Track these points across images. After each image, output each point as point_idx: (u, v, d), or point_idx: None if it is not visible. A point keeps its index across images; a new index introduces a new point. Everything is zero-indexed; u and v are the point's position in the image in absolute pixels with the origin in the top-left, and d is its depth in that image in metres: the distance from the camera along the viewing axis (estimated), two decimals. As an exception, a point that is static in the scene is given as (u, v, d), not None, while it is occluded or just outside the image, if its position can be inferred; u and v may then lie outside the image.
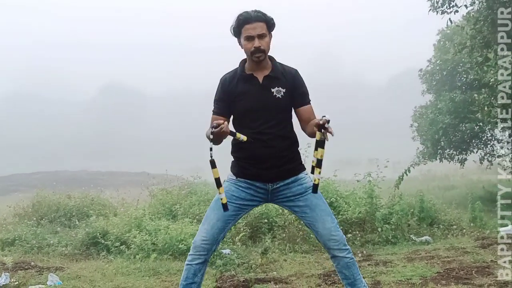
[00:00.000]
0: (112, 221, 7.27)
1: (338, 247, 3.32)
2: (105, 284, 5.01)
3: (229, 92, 3.33)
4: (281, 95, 3.30)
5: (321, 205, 3.38)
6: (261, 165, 3.31)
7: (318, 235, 3.36)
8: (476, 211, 9.65)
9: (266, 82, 3.29)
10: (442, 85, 19.58)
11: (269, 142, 3.28)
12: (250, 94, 3.30)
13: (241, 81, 3.32)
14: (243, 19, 3.22)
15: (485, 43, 10.99)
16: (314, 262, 6.10)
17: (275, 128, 3.31)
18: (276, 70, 3.32)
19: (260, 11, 3.28)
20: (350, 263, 3.35)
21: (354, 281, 3.38)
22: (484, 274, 4.95)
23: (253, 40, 3.20)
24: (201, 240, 3.33)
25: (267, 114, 3.30)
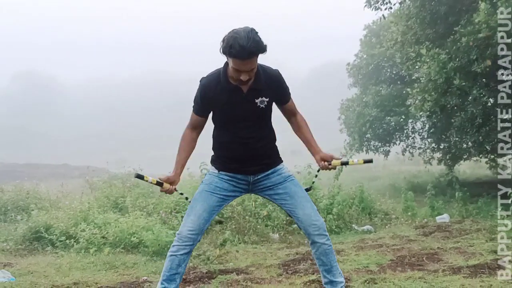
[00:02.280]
0: (55, 215, 7.01)
1: (318, 233, 3.41)
2: (62, 279, 4.84)
3: (211, 99, 3.30)
4: (265, 105, 3.34)
5: (300, 192, 3.50)
6: (243, 163, 3.42)
7: (299, 221, 3.45)
8: (408, 201, 10.10)
9: (251, 94, 3.29)
10: (368, 79, 20.24)
11: (251, 145, 3.39)
12: (234, 105, 3.29)
13: (225, 90, 3.26)
14: (236, 54, 2.98)
15: (416, 39, 11.48)
16: (267, 253, 6.17)
17: (256, 133, 3.41)
18: (259, 80, 3.26)
19: (255, 41, 2.99)
20: (328, 250, 3.46)
21: (331, 267, 3.50)
22: (434, 260, 5.20)
23: (241, 73, 3.10)
24: (188, 231, 3.35)
25: (250, 122, 3.37)
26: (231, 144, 3.40)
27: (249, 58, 3.01)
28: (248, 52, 2.97)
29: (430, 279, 4.37)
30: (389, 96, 18.37)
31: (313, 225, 3.40)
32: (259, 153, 3.43)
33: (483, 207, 10.84)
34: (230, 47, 2.98)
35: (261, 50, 3.04)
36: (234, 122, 3.35)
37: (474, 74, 9.67)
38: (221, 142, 3.47)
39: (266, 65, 3.37)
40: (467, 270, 4.62)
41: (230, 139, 3.40)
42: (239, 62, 3.02)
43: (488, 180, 19.11)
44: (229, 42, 2.99)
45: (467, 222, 7.59)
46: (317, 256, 3.49)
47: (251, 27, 3.07)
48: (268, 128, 3.51)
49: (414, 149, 20.36)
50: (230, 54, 3.02)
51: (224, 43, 3.04)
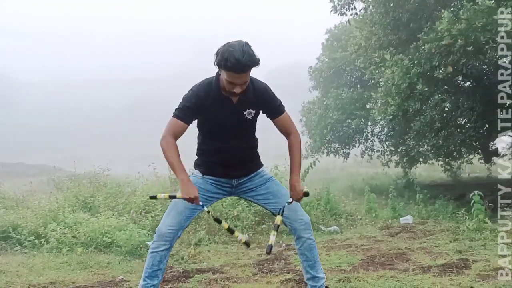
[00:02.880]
0: (23, 214, 6.90)
1: (304, 227, 3.56)
2: (37, 279, 4.80)
3: (202, 107, 3.34)
4: (251, 116, 3.44)
5: (282, 190, 3.63)
6: (227, 168, 3.51)
7: (285, 217, 3.54)
8: (371, 202, 10.35)
9: (239, 106, 3.37)
10: (329, 82, 20.56)
11: (235, 152, 3.48)
12: (223, 115, 3.36)
13: (216, 100, 3.33)
14: (231, 67, 3.07)
15: (380, 44, 11.78)
16: (239, 253, 6.25)
17: (242, 143, 3.51)
18: (248, 92, 3.34)
19: (249, 55, 3.08)
20: (312, 245, 3.60)
21: (314, 263, 3.64)
22: (403, 259, 5.37)
23: (235, 86, 3.18)
24: (168, 227, 3.42)
25: (236, 132, 3.46)
26: (216, 152, 3.48)
27: (244, 71, 3.11)
28: (243, 65, 3.06)
29: (402, 278, 4.53)
30: (350, 100, 18.72)
31: (299, 220, 3.54)
32: (243, 159, 3.54)
33: (440, 208, 11.21)
34: (226, 61, 3.05)
35: (255, 63, 3.13)
36: (221, 130, 3.43)
37: (436, 80, 10.00)
38: (206, 150, 3.55)
39: (255, 78, 3.44)
40: (436, 269, 4.80)
41: (215, 146, 3.48)
42: (234, 75, 3.10)
43: (443, 182, 19.72)
44: (224, 55, 3.06)
45: (430, 223, 7.85)
46: (302, 251, 3.61)
47: (244, 40, 3.17)
48: (252, 137, 3.61)
49: (372, 151, 20.77)
50: (225, 67, 3.09)
51: (219, 56, 3.11)
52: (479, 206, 6.82)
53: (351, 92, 18.93)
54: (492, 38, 8.33)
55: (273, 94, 3.50)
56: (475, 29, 8.62)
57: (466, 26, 8.69)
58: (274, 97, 3.50)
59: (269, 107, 3.49)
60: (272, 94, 3.50)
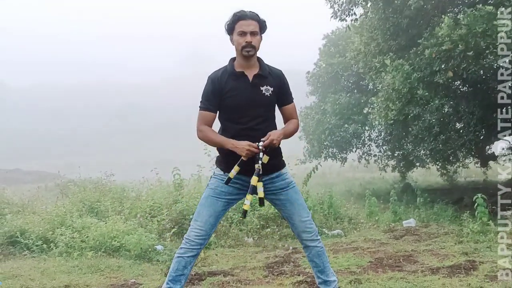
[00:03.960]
0: (30, 219, 6.92)
1: (311, 238, 3.63)
2: (51, 282, 4.83)
3: (220, 89, 3.43)
4: (270, 93, 3.49)
5: (299, 200, 3.67)
6: (249, 160, 3.41)
7: (294, 226, 3.66)
8: (372, 206, 10.44)
9: (256, 80, 3.46)
10: (327, 88, 20.67)
11: (258, 138, 3.41)
12: (240, 91, 3.44)
13: (231, 78, 3.44)
14: (239, 16, 3.42)
15: (379, 50, 11.89)
16: (246, 256, 6.30)
17: (263, 124, 3.50)
18: (264, 69, 3.50)
19: (255, 12, 3.49)
20: (321, 252, 3.67)
21: (324, 268, 3.70)
22: (411, 262, 5.45)
23: (246, 35, 3.39)
24: (196, 235, 3.50)
25: (256, 111, 3.48)
26: (238, 137, 3.41)
27: (251, 18, 3.44)
28: (250, 13, 3.46)
29: (412, 279, 4.60)
30: (348, 105, 18.84)
31: (306, 232, 3.61)
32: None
33: (440, 212, 11.32)
34: (234, 14, 3.46)
35: (261, 20, 3.49)
36: (240, 110, 3.45)
37: (436, 85, 10.11)
38: (227, 136, 3.47)
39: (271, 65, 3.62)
40: (444, 270, 4.88)
41: (236, 132, 3.45)
42: (243, 22, 3.43)
43: (439, 187, 19.84)
44: (234, 13, 3.46)
45: (433, 226, 7.92)
46: (310, 258, 3.68)
47: None
48: (273, 123, 3.60)
49: (370, 156, 20.88)
50: (234, 18, 3.44)
51: (229, 19, 3.48)
52: (482, 208, 6.90)
53: (348, 97, 19.03)
54: (492, 43, 8.43)
55: (287, 82, 3.65)
56: (475, 35, 8.72)
57: (466, 32, 8.79)
58: (288, 84, 3.65)
59: (283, 92, 3.60)
60: (287, 81, 3.65)
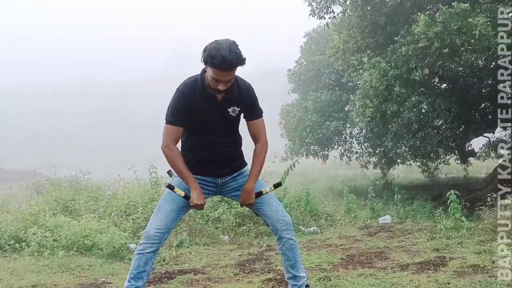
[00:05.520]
0: (3, 218, 6.86)
1: (286, 228, 3.61)
2: (19, 282, 4.79)
3: (189, 105, 3.40)
4: (236, 114, 3.50)
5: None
6: (211, 165, 3.56)
7: (266, 217, 3.64)
8: (350, 203, 10.48)
9: (224, 103, 3.43)
10: (308, 85, 20.70)
11: (220, 149, 3.53)
12: (208, 112, 3.42)
13: (202, 98, 3.39)
14: (217, 65, 3.13)
15: (358, 47, 11.92)
16: (220, 254, 6.30)
17: (226, 138, 3.56)
18: (233, 90, 3.41)
19: (236, 54, 3.15)
20: (294, 246, 3.66)
21: (295, 263, 3.69)
22: (382, 258, 5.47)
23: (220, 83, 3.24)
24: (155, 229, 3.45)
25: (220, 128, 3.51)
26: (201, 148, 3.52)
27: (230, 69, 3.17)
28: (229, 63, 3.13)
29: (381, 276, 4.63)
30: (329, 102, 18.89)
31: (280, 221, 3.59)
32: (227, 156, 3.59)
33: (418, 208, 11.39)
34: (212, 58, 3.12)
35: (241, 62, 3.20)
36: (205, 126, 3.48)
37: (413, 82, 10.17)
38: (191, 146, 3.57)
39: (240, 77, 3.51)
40: (413, 266, 4.91)
41: (200, 143, 3.52)
42: (220, 72, 3.17)
43: (421, 183, 19.99)
44: (212, 52, 3.13)
45: (408, 222, 7.97)
46: (283, 251, 3.67)
47: (232, 39, 3.24)
48: (236, 134, 3.66)
49: (351, 153, 20.96)
50: (212, 64, 3.15)
51: (206, 53, 3.18)
52: (455, 205, 6.95)
53: (329, 95, 19.08)
54: (467, 41, 8.49)
55: (255, 96, 3.58)
56: (450, 32, 8.77)
57: (442, 29, 8.84)
58: (256, 99, 3.58)
59: (250, 108, 3.56)
60: (255, 96, 3.58)
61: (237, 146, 3.69)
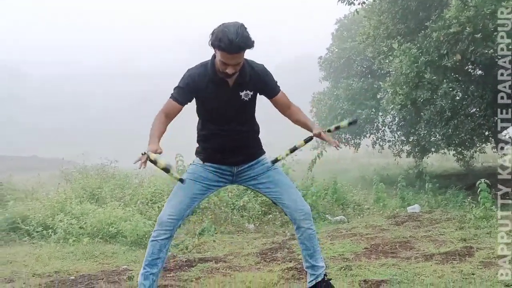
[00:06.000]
0: (31, 206, 6.99)
1: (304, 217, 3.53)
2: (43, 268, 4.87)
3: (197, 90, 3.34)
4: (249, 98, 3.41)
5: (284, 180, 3.61)
6: (227, 154, 3.49)
7: (285, 207, 3.56)
8: (379, 192, 10.34)
9: (236, 87, 3.35)
10: (339, 73, 20.47)
11: (235, 137, 3.46)
12: (219, 97, 3.35)
13: (212, 83, 3.32)
14: (224, 48, 3.06)
15: (388, 34, 11.70)
16: (244, 242, 6.28)
17: (241, 125, 3.48)
18: (245, 74, 3.34)
19: (243, 36, 3.06)
20: (312, 235, 3.59)
21: (314, 252, 3.62)
22: (406, 248, 5.37)
23: (228, 66, 3.16)
24: (168, 216, 3.41)
25: (234, 115, 3.44)
26: (215, 136, 3.47)
27: (237, 52, 3.09)
28: (236, 46, 3.05)
29: (404, 266, 4.53)
30: (360, 90, 18.66)
31: (299, 210, 3.52)
32: (243, 144, 3.52)
33: (451, 198, 11.16)
34: (219, 41, 3.06)
35: (249, 45, 3.12)
36: (218, 114, 3.42)
37: (444, 69, 9.93)
38: (206, 135, 3.52)
39: (251, 60, 3.44)
40: (438, 257, 4.80)
41: (214, 131, 3.46)
42: (227, 55, 3.10)
43: (455, 172, 19.58)
44: (219, 35, 3.07)
45: (437, 212, 7.80)
46: (301, 240, 3.60)
47: (241, 22, 3.16)
48: (252, 121, 3.59)
49: (384, 142, 20.68)
50: (219, 47, 3.09)
51: (214, 36, 3.11)
52: (485, 194, 6.78)
53: (361, 82, 18.83)
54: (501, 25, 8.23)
55: (270, 74, 3.51)
56: (483, 16, 8.52)
57: (474, 13, 8.59)
58: (272, 77, 3.51)
59: (268, 88, 3.50)
60: (270, 74, 3.50)
61: (253, 133, 3.62)
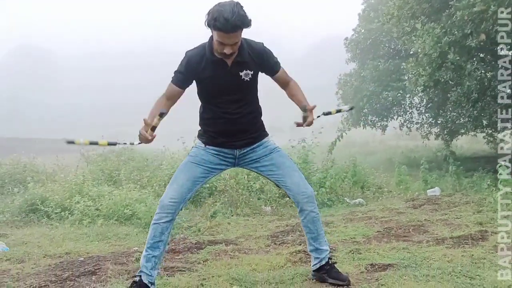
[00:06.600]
0: (51, 188, 7.12)
1: (307, 200, 3.50)
2: (55, 249, 4.96)
3: (195, 72, 3.31)
4: (249, 78, 3.35)
5: (286, 162, 3.57)
6: (229, 137, 3.46)
7: (288, 189, 3.53)
8: (401, 175, 10.22)
9: (235, 67, 3.30)
10: (366, 54, 20.15)
11: (237, 120, 3.41)
12: (218, 78, 3.31)
13: (210, 64, 3.28)
14: (220, 27, 3.01)
15: (412, 13, 11.45)
16: (258, 225, 6.29)
17: (242, 108, 3.43)
18: (244, 53, 3.29)
19: (240, 15, 3.00)
20: (316, 218, 3.56)
21: (318, 235, 3.60)
22: (420, 232, 5.29)
23: (225, 46, 3.11)
24: (169, 199, 3.40)
25: (235, 96, 3.39)
26: (217, 120, 3.43)
27: (233, 31, 3.03)
28: (232, 25, 2.99)
29: (414, 250, 4.47)
30: (387, 71, 18.34)
31: (302, 193, 3.49)
32: (245, 127, 3.48)
33: (477, 181, 10.93)
34: (215, 20, 3.00)
35: (245, 24, 3.06)
36: (219, 96, 3.38)
37: (469, 49, 9.68)
38: (207, 118, 3.49)
39: (250, 39, 3.38)
40: (450, 241, 4.72)
41: (216, 114, 3.43)
42: (223, 35, 3.05)
43: (485, 155, 19.19)
44: (214, 15, 3.01)
45: (457, 195, 7.69)
46: (305, 223, 3.58)
47: (236, 1, 3.10)
48: (254, 103, 3.54)
49: (411, 124, 20.36)
50: (215, 27, 3.04)
51: (209, 16, 3.06)
52: (505, 177, 6.62)
53: (388, 64, 18.49)
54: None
55: (270, 52, 3.45)
56: (509, -5, 8.25)
57: (499, -9, 8.33)
58: (271, 55, 3.45)
59: (269, 65, 3.45)
60: (270, 52, 3.45)
61: (255, 115, 3.56)
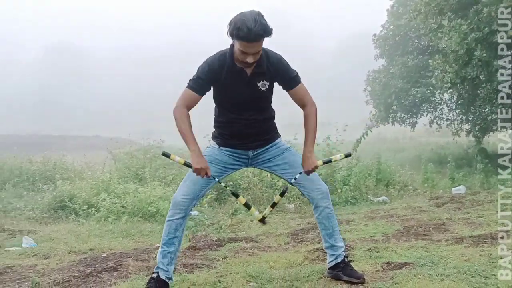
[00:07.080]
0: (79, 185, 7.32)
1: (322, 196, 3.56)
2: (80, 246, 5.12)
3: (215, 79, 3.38)
4: (266, 88, 3.44)
5: (299, 160, 3.60)
6: (243, 139, 3.55)
7: (302, 187, 3.59)
8: (428, 173, 10.14)
9: (253, 77, 3.38)
10: (395, 50, 19.97)
11: (251, 125, 3.51)
12: (237, 87, 3.40)
13: (230, 73, 3.36)
14: (243, 36, 3.08)
15: (439, 10, 11.33)
16: (280, 222, 6.37)
17: (257, 114, 3.52)
18: (263, 63, 3.36)
19: (262, 24, 3.08)
20: (330, 215, 3.61)
21: (333, 232, 3.64)
22: (440, 230, 5.29)
23: (247, 56, 3.19)
24: (182, 196, 3.50)
25: (251, 104, 3.48)
26: (232, 124, 3.52)
27: (256, 40, 3.11)
28: (255, 34, 3.07)
29: (432, 248, 4.47)
30: (415, 67, 18.16)
31: (316, 189, 3.56)
32: (259, 131, 3.57)
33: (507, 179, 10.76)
34: (238, 30, 3.08)
35: (267, 33, 3.14)
36: (236, 103, 3.47)
37: (496, 45, 9.53)
38: (222, 121, 3.58)
39: (270, 49, 3.45)
40: (470, 240, 4.71)
41: (231, 119, 3.52)
42: (246, 44, 3.13)
43: (519, 152, 18.81)
44: (237, 24, 3.09)
45: (483, 193, 7.61)
46: (320, 220, 3.64)
47: (257, 10, 3.18)
48: (268, 109, 3.63)
49: (442, 120, 20.11)
50: (238, 37, 3.12)
51: (232, 26, 3.14)
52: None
53: (417, 60, 18.31)
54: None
55: (287, 65, 3.49)
56: (537, -10, 8.12)
57: (527, -13, 8.20)
58: (289, 68, 3.49)
59: (284, 79, 3.49)
60: (287, 65, 3.49)
61: (269, 120, 3.66)
